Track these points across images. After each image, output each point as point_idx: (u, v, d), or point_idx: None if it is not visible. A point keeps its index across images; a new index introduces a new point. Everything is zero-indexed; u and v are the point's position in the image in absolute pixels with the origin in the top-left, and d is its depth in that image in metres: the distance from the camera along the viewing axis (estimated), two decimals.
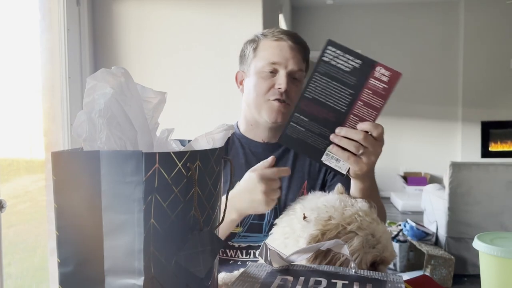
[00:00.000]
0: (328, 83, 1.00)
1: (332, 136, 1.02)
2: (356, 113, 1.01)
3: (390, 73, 0.99)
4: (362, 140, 1.00)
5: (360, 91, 1.00)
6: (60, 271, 0.63)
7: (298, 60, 1.31)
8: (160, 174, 0.61)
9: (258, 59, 1.32)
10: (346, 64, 0.99)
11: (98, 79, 0.66)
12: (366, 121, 1.00)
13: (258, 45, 1.34)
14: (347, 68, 0.99)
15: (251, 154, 1.37)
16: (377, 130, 1.01)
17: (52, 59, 2.22)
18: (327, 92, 1.00)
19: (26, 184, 2.10)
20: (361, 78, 0.99)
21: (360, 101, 1.00)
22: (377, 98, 1.00)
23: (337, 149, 1.02)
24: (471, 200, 3.75)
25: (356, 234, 0.92)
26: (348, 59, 0.99)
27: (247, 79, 1.36)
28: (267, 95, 1.29)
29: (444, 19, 7.31)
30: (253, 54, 1.34)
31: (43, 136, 2.21)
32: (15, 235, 1.93)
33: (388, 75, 0.99)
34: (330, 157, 1.03)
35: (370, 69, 0.99)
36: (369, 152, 1.01)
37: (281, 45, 1.31)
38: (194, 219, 0.66)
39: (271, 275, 0.80)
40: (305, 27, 7.41)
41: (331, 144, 1.02)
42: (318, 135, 1.03)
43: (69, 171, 0.63)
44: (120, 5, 2.49)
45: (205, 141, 0.74)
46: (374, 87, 0.99)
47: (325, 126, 1.02)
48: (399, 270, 3.87)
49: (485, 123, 7.20)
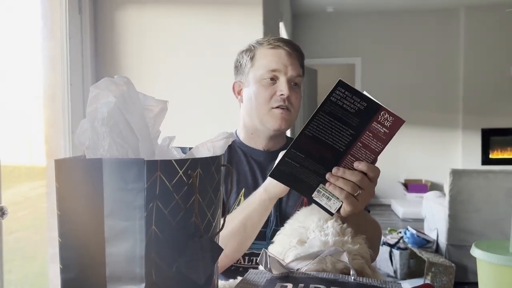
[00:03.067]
0: (331, 122, 0.98)
1: (328, 175, 0.99)
2: (354, 154, 0.99)
3: (393, 118, 0.98)
4: (359, 181, 0.98)
5: (362, 133, 0.98)
6: (62, 277, 0.64)
7: (296, 66, 1.33)
8: (161, 181, 0.62)
9: (256, 68, 1.33)
10: (352, 106, 0.97)
11: (101, 88, 0.67)
12: (364, 162, 0.99)
13: (254, 54, 1.35)
14: (352, 109, 0.97)
15: (254, 162, 1.37)
16: (374, 172, 0.99)
17: (54, 67, 2.23)
18: (328, 131, 0.98)
19: (26, 191, 2.11)
20: (364, 120, 0.98)
21: (360, 142, 0.99)
22: (376, 142, 0.99)
23: (333, 187, 0.99)
24: (472, 208, 3.75)
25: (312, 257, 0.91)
26: (355, 101, 0.97)
27: (246, 89, 1.36)
28: (269, 103, 1.30)
29: (444, 27, 7.34)
30: (251, 63, 1.34)
31: (44, 143, 2.22)
32: (15, 242, 1.93)
33: (391, 120, 0.98)
34: (321, 195, 1.01)
35: (374, 112, 0.98)
36: (364, 193, 1.00)
37: (278, 52, 1.32)
38: (195, 226, 0.66)
39: (270, 282, 0.81)
40: (305, 35, 7.44)
41: (326, 182, 1.00)
42: (311, 172, 1.00)
43: (72, 178, 0.63)
44: (121, 14, 2.51)
45: (206, 149, 0.74)
46: (375, 130, 0.98)
47: (320, 163, 1.00)
48: (400, 278, 3.87)
49: (486, 130, 7.21)
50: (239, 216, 1.15)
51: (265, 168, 1.36)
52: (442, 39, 7.35)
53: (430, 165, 7.37)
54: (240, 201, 1.31)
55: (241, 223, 1.14)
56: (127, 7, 2.52)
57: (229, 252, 1.14)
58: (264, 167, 1.37)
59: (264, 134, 1.36)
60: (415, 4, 7.09)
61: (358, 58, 7.45)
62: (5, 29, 1.74)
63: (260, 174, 1.36)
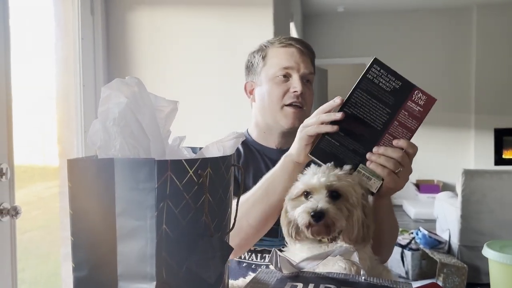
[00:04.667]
0: (368, 100, 1.02)
1: (369, 154, 1.02)
2: (392, 133, 1.03)
3: (426, 97, 1.02)
4: (400, 157, 1.01)
5: (398, 111, 1.02)
6: (74, 275, 0.65)
7: (308, 63, 1.35)
8: (172, 181, 0.63)
9: (269, 67, 1.34)
10: (388, 84, 1.01)
11: (112, 89, 0.68)
12: (403, 139, 1.02)
13: (267, 53, 1.36)
14: (387, 88, 1.01)
15: (268, 159, 1.39)
16: (413, 149, 1.03)
17: (67, 67, 2.25)
18: (366, 109, 1.02)
19: (40, 191, 2.13)
20: (399, 99, 1.02)
21: (396, 121, 1.02)
22: (412, 120, 1.02)
23: (375, 165, 1.02)
24: (484, 208, 3.71)
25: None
26: (390, 80, 1.01)
27: (259, 88, 1.38)
28: (282, 100, 1.32)
29: (456, 26, 7.27)
30: (263, 62, 1.36)
31: (57, 143, 2.24)
32: (28, 241, 1.95)
33: (424, 99, 1.02)
34: (361, 175, 1.03)
35: (408, 91, 1.02)
36: (404, 170, 1.03)
37: (290, 50, 1.33)
38: (205, 225, 0.67)
39: (281, 282, 0.81)
40: (316, 35, 7.42)
41: (366, 162, 1.03)
42: (351, 151, 1.03)
43: (85, 178, 0.64)
44: (133, 15, 2.53)
45: (216, 149, 0.75)
46: (410, 109, 1.02)
47: (359, 142, 1.03)
48: (412, 279, 3.84)
49: (498, 130, 7.13)
50: (262, 185, 1.15)
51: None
52: (454, 38, 7.28)
53: (442, 166, 7.30)
54: None
55: (265, 191, 1.13)
56: (139, 8, 2.53)
57: (253, 222, 1.13)
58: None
59: (277, 132, 1.38)
60: (426, 3, 7.03)
61: (369, 58, 7.40)
62: (19, 31, 1.76)
63: None
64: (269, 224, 1.18)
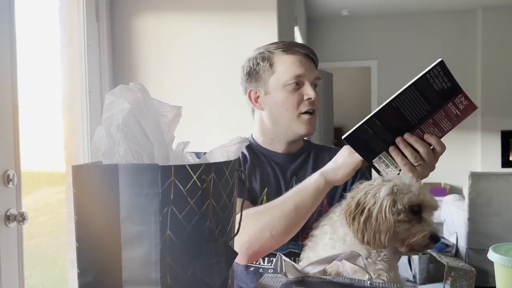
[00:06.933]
0: (416, 97, 1.03)
1: (398, 139, 1.04)
2: (423, 129, 1.05)
3: (467, 103, 1.03)
4: (425, 152, 1.04)
5: (436, 110, 1.04)
6: (80, 281, 0.65)
7: (314, 68, 1.37)
8: (175, 186, 0.63)
9: (279, 74, 1.33)
10: (439, 85, 1.02)
11: (116, 95, 0.68)
12: (434, 136, 1.04)
13: (273, 61, 1.35)
14: (437, 88, 1.02)
15: (274, 164, 1.39)
16: (441, 147, 1.05)
17: (73, 73, 2.27)
18: (410, 104, 1.03)
19: (47, 197, 2.14)
20: (442, 99, 1.03)
21: (431, 119, 1.04)
22: (447, 122, 1.04)
23: (397, 152, 1.05)
24: (491, 211, 3.69)
25: (382, 185, 0.99)
26: (443, 81, 1.02)
27: (267, 96, 1.36)
28: (299, 109, 1.33)
29: (461, 28, 7.25)
30: (271, 70, 1.35)
31: (64, 149, 2.25)
32: (36, 247, 1.96)
33: (465, 104, 1.03)
34: (381, 161, 1.06)
35: (453, 94, 1.03)
36: (426, 165, 1.05)
37: (298, 58, 1.34)
38: (209, 231, 0.67)
39: (286, 287, 0.81)
40: (321, 38, 7.42)
41: (390, 147, 1.05)
42: (380, 139, 1.05)
43: (89, 184, 0.65)
44: (138, 21, 2.54)
45: (220, 154, 0.75)
46: (449, 111, 1.03)
47: (390, 133, 1.05)
48: (419, 283, 3.82)
49: (505, 132, 7.08)
50: (291, 199, 1.16)
51: (285, 169, 1.39)
52: (459, 41, 7.26)
53: (449, 168, 7.24)
54: (263, 200, 1.32)
55: (293, 206, 1.15)
56: (144, 14, 2.55)
57: (276, 234, 1.15)
58: (284, 168, 1.39)
59: (286, 139, 1.39)
60: (431, 6, 7.01)
61: (374, 61, 7.40)
62: (25, 37, 1.77)
63: (281, 175, 1.37)
64: (290, 236, 1.19)
